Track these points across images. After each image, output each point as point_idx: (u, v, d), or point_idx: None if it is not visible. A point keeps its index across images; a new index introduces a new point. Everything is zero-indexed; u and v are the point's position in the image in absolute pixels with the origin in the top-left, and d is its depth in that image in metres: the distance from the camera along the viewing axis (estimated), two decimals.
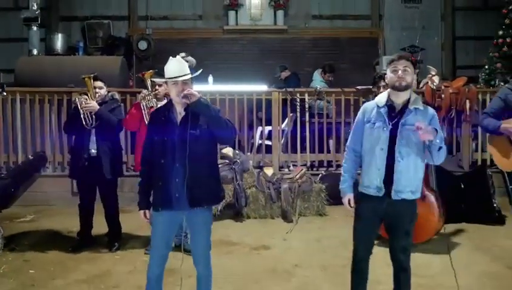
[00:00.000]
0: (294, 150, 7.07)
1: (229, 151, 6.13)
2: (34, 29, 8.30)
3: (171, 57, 3.07)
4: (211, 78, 7.68)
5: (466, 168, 6.79)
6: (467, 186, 5.83)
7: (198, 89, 3.41)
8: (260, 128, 7.28)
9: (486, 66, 8.32)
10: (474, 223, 5.54)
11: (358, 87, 6.89)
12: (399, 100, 3.04)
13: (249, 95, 7.07)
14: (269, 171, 6.27)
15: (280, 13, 10.47)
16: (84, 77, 4.71)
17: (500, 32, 8.16)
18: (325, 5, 10.83)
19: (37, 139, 6.74)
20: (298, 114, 6.98)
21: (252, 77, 8.67)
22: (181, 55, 4.98)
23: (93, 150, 4.71)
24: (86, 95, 4.73)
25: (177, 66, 2.99)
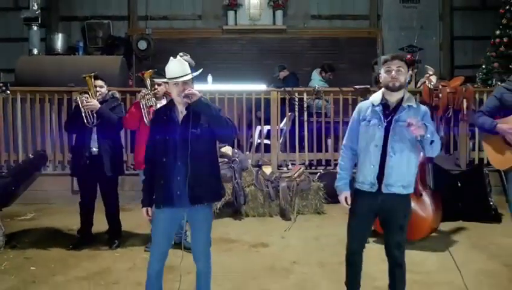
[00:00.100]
0: (292, 149, 7.10)
1: (228, 150, 6.17)
2: (34, 29, 8.31)
3: (171, 58, 3.10)
4: (210, 77, 7.71)
5: (463, 166, 6.85)
6: (464, 185, 5.87)
7: (198, 88, 3.44)
8: (259, 128, 7.30)
9: (483, 65, 8.36)
10: (471, 221, 5.57)
11: (356, 87, 6.93)
12: (393, 99, 3.10)
13: (248, 95, 7.10)
14: (268, 170, 6.31)
15: (279, 13, 10.48)
16: (85, 76, 4.73)
17: (498, 32, 8.17)
18: (323, 5, 10.85)
19: (37, 138, 6.77)
20: (297, 113, 7.00)
21: (251, 77, 8.71)
22: (179, 55, 5.00)
23: (94, 148, 4.73)
24: (87, 93, 4.76)
25: (178, 66, 3.02)
